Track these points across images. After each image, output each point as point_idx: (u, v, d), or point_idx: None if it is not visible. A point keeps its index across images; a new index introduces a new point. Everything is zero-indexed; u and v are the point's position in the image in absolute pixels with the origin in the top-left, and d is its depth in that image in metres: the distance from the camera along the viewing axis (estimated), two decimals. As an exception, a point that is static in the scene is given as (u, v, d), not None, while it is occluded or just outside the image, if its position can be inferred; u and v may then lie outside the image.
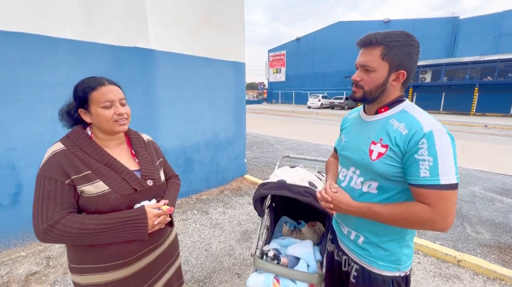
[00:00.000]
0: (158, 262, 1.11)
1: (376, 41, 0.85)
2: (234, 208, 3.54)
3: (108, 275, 0.96)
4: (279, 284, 1.32)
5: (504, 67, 17.48)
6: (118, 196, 0.95)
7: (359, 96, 0.93)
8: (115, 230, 0.91)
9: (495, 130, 11.67)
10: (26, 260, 2.35)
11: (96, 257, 0.95)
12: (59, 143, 0.96)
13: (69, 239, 0.87)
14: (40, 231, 0.85)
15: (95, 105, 0.95)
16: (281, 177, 1.62)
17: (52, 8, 2.36)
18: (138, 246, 1.00)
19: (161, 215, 1.01)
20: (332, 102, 24.23)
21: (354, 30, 25.43)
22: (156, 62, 3.16)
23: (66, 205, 0.89)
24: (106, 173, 0.95)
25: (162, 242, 1.13)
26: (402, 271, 0.97)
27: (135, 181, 1.00)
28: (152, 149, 1.20)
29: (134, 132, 1.18)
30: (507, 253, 2.56)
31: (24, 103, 2.34)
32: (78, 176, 0.90)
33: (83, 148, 0.95)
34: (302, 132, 10.61)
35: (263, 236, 1.69)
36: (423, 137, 0.79)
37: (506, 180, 4.74)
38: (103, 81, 0.98)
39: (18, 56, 2.26)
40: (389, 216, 0.85)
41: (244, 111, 4.57)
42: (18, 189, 2.40)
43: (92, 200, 0.92)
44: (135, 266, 1.01)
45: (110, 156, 0.99)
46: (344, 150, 1.07)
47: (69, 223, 0.86)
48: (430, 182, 0.78)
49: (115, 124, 0.98)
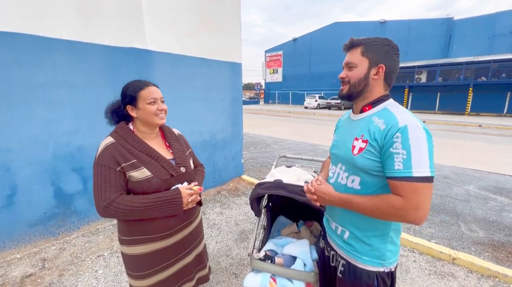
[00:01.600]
0: (191, 237, 1.34)
1: (357, 42, 0.97)
2: (231, 208, 3.54)
3: (151, 246, 1.19)
4: (276, 284, 1.33)
5: (498, 67, 17.70)
6: (159, 181, 1.15)
7: (346, 91, 1.01)
8: (157, 207, 1.12)
9: (489, 130, 11.81)
10: (21, 262, 2.33)
11: (142, 230, 1.17)
12: (109, 137, 1.14)
13: (122, 214, 1.07)
14: (101, 208, 1.05)
15: (142, 102, 1.15)
16: (277, 177, 1.62)
17: (47, 8, 2.35)
18: (175, 221, 1.23)
19: (193, 194, 1.22)
20: (329, 102, 24.31)
21: (350, 30, 25.56)
22: (153, 62, 3.15)
23: (119, 187, 1.09)
24: (148, 161, 1.15)
25: (194, 219, 1.36)
26: (387, 267, 1.00)
27: (172, 168, 1.21)
28: (182, 141, 1.42)
29: (167, 126, 1.38)
30: (500, 250, 2.59)
31: (19, 104, 2.32)
32: (126, 164, 1.10)
33: (128, 140, 1.15)
34: (299, 132, 10.64)
35: (260, 236, 1.70)
36: (398, 131, 0.84)
37: (500, 179, 4.81)
38: (148, 83, 1.19)
39: (13, 57, 2.24)
40: (366, 206, 0.90)
41: (241, 112, 4.58)
42: (13, 191, 2.38)
43: (138, 183, 1.12)
44: (173, 238, 1.24)
45: (150, 147, 1.19)
46: (333, 148, 1.14)
47: (122, 201, 1.06)
48: (403, 174, 0.82)
49: (156, 117, 1.19)
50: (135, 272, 1.22)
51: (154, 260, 1.22)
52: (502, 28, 19.06)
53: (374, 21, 25.07)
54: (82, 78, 2.63)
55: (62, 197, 2.67)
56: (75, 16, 2.51)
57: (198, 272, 1.46)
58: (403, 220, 0.85)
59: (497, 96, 18.12)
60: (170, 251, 1.24)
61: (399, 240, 1.04)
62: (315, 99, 24.77)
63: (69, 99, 2.58)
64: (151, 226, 1.17)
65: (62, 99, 2.54)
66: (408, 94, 21.67)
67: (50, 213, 2.61)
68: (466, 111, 19.21)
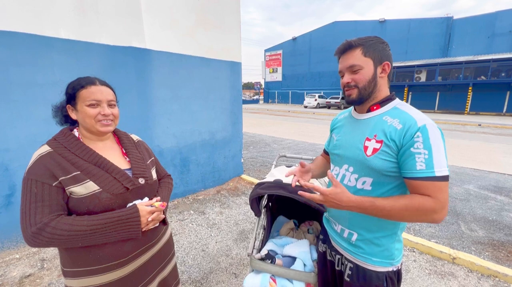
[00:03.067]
0: (153, 261, 1.10)
1: (355, 44, 0.93)
2: (231, 208, 3.54)
3: (103, 277, 0.95)
4: (276, 284, 1.32)
5: (497, 66, 17.71)
6: (110, 196, 0.94)
7: (356, 95, 0.96)
8: (108, 230, 0.90)
9: (488, 129, 11.82)
10: (20, 262, 2.32)
11: (90, 259, 0.93)
12: (45, 146, 0.94)
13: (59, 242, 0.86)
14: (29, 235, 0.83)
15: (81, 103, 0.96)
16: (277, 177, 1.62)
17: (45, 7, 2.33)
18: (132, 245, 1.00)
19: (155, 212, 1.01)
20: (329, 101, 24.31)
21: (350, 30, 25.55)
22: (152, 62, 3.14)
23: (55, 208, 0.87)
24: (96, 173, 0.94)
25: (157, 241, 1.12)
26: (395, 266, 1.00)
27: (127, 179, 1.00)
28: (143, 148, 1.21)
29: (123, 132, 1.19)
30: (500, 250, 2.59)
31: (17, 103, 2.30)
32: (66, 177, 0.89)
33: (71, 149, 0.94)
34: (299, 131, 10.64)
35: (260, 236, 1.69)
36: (418, 131, 0.83)
37: (499, 178, 4.81)
38: (94, 81, 0.99)
39: (11, 56, 2.23)
40: (393, 209, 0.84)
41: (241, 111, 4.57)
42: (12, 191, 2.37)
43: (82, 201, 0.90)
44: (130, 266, 1.01)
45: (99, 155, 0.98)
46: (337, 148, 1.08)
47: (59, 225, 0.84)
48: (426, 174, 0.81)
49: (98, 124, 0.97)
50: None
51: None
52: (501, 27, 19.07)
53: (373, 20, 25.05)
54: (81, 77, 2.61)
55: (61, 197, 2.66)
56: (73, 15, 2.49)
57: None
58: (428, 219, 0.83)
59: (496, 95, 18.15)
60: (126, 281, 1.01)
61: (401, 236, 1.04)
62: (315, 99, 24.77)
63: (68, 99, 2.56)
64: (100, 254, 0.93)
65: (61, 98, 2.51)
66: (408, 93, 21.68)
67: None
68: (465, 110, 19.23)
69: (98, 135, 1.03)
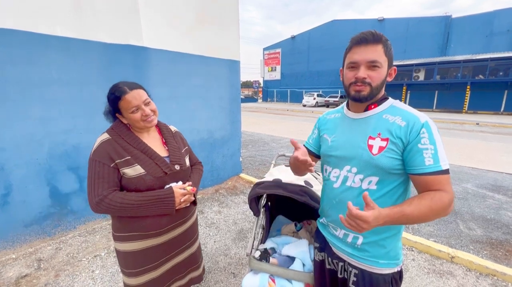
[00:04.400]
0: (184, 235, 1.34)
1: (381, 39, 0.88)
2: (230, 207, 3.53)
3: (143, 243, 1.19)
4: (275, 284, 1.31)
5: (495, 65, 17.76)
6: (152, 178, 1.14)
7: (367, 93, 0.90)
8: (149, 205, 1.11)
9: (486, 128, 11.86)
10: (16, 262, 2.30)
11: (134, 227, 1.16)
12: (105, 134, 1.15)
13: (114, 211, 1.08)
14: (93, 203, 1.06)
15: (125, 112, 1.14)
16: (276, 176, 1.60)
17: (41, 4, 2.30)
18: (168, 219, 1.22)
19: (186, 194, 1.21)
20: (327, 100, 24.31)
21: (348, 28, 25.52)
22: (150, 60, 3.11)
23: (112, 184, 1.09)
24: (142, 159, 1.15)
25: (188, 219, 1.35)
26: (399, 266, 0.99)
27: (165, 165, 1.20)
28: (179, 138, 1.40)
29: (163, 124, 1.38)
30: (498, 249, 2.60)
31: (13, 102, 2.27)
32: (120, 161, 1.10)
33: (124, 137, 1.15)
34: (298, 130, 10.63)
35: (259, 236, 1.68)
36: (423, 127, 0.85)
37: (497, 177, 4.83)
38: (125, 89, 1.12)
39: (6, 54, 2.19)
40: (420, 212, 0.81)
41: (239, 110, 4.55)
42: (8, 190, 2.34)
43: (132, 181, 1.12)
44: (165, 236, 1.24)
45: (145, 144, 1.19)
46: (334, 150, 1.04)
47: (114, 198, 1.06)
48: (435, 168, 0.82)
49: (145, 123, 1.17)
50: (127, 269, 1.23)
51: (146, 258, 1.22)
52: (499, 26, 19.11)
53: (372, 19, 25.03)
54: (77, 75, 2.59)
55: (58, 197, 2.64)
56: (70, 12, 2.46)
57: (190, 272, 1.46)
58: (445, 214, 0.83)
59: (494, 94, 18.20)
60: (161, 249, 1.25)
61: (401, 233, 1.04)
62: (314, 97, 24.78)
63: (65, 97, 2.54)
64: (143, 224, 1.17)
65: (58, 97, 2.49)
66: (406, 92, 21.71)
67: (45, 212, 2.58)
68: (463, 109, 19.29)
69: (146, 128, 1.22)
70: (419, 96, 21.26)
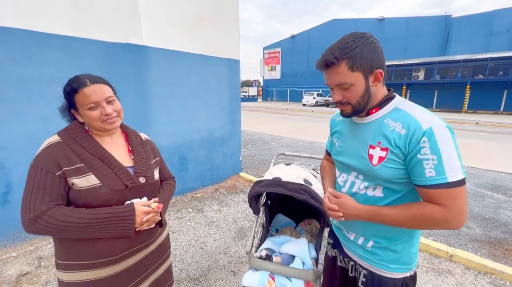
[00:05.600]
0: (146, 262, 1.08)
1: (337, 58, 0.81)
2: (229, 206, 3.53)
3: (92, 273, 0.94)
4: (274, 282, 1.32)
5: (495, 65, 17.75)
6: (109, 191, 0.94)
7: (350, 111, 0.89)
8: (102, 225, 0.89)
9: (486, 127, 11.88)
10: (17, 260, 2.31)
11: (82, 253, 0.93)
12: (55, 136, 0.97)
13: (54, 231, 0.86)
14: (26, 221, 0.84)
15: (81, 108, 0.95)
16: (276, 175, 1.61)
17: (41, 2, 2.30)
18: (126, 244, 0.98)
19: (150, 213, 0.99)
20: (327, 99, 24.29)
21: (348, 28, 25.48)
22: (150, 59, 3.11)
23: (55, 197, 0.88)
24: (99, 167, 0.95)
25: (152, 242, 1.10)
26: (412, 270, 0.95)
27: (127, 177, 0.99)
28: (149, 147, 1.20)
29: (132, 130, 1.18)
30: (497, 247, 2.61)
31: (13, 100, 2.27)
32: (70, 168, 0.90)
33: (79, 141, 0.96)
34: (297, 129, 10.63)
35: (259, 234, 1.69)
36: (424, 135, 0.76)
37: (496, 176, 4.84)
38: (85, 81, 0.95)
39: (6, 52, 2.19)
40: (399, 218, 0.81)
41: (239, 109, 4.55)
42: (8, 189, 2.34)
43: (82, 194, 0.91)
44: (121, 265, 0.99)
45: (105, 150, 0.99)
46: (340, 155, 1.02)
47: (55, 214, 0.85)
48: (437, 181, 0.75)
49: (104, 123, 0.97)
50: None
51: None
52: (499, 26, 19.12)
53: (372, 18, 25.04)
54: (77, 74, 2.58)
55: (58, 195, 2.64)
56: (69, 11, 2.46)
57: None
58: (443, 228, 0.79)
59: (494, 94, 18.21)
60: (116, 280, 0.99)
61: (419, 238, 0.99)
62: (313, 97, 24.77)
63: (65, 96, 2.54)
64: (92, 248, 0.93)
65: (58, 95, 2.46)
66: (406, 91, 21.71)
67: (46, 211, 2.58)
68: (463, 108, 19.30)
69: (105, 131, 1.02)
70: (418, 96, 21.25)
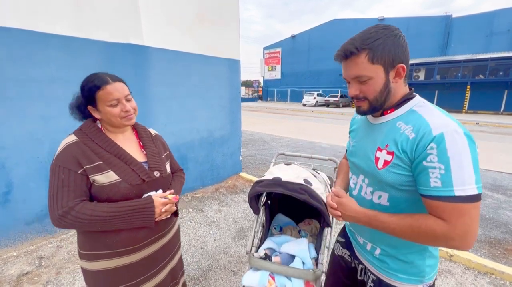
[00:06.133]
0: (164, 250, 1.18)
1: (357, 49, 0.76)
2: (230, 206, 3.54)
3: (115, 261, 1.02)
4: (275, 282, 1.32)
5: (495, 65, 17.74)
6: (128, 186, 1.01)
7: (367, 108, 0.84)
8: (125, 217, 0.97)
9: (486, 128, 11.88)
10: (17, 260, 2.31)
11: (106, 243, 1.01)
12: (72, 135, 1.01)
13: (82, 225, 0.93)
14: (56, 217, 0.90)
15: (102, 104, 1.00)
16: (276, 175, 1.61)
17: (41, 2, 2.30)
18: (146, 233, 1.07)
19: (167, 204, 1.07)
20: (327, 100, 24.30)
21: (349, 28, 25.46)
22: (150, 59, 3.12)
23: (79, 193, 0.94)
24: (117, 164, 1.01)
25: (168, 231, 1.20)
26: (426, 283, 0.88)
27: (143, 172, 1.06)
28: (159, 142, 1.28)
29: (141, 126, 1.25)
30: (497, 247, 2.61)
31: (13, 100, 2.28)
32: (90, 166, 0.96)
33: (95, 139, 1.01)
34: (298, 130, 10.63)
35: (259, 234, 1.69)
36: (432, 141, 0.69)
37: (496, 177, 4.84)
38: (107, 79, 1.01)
39: (6, 52, 2.20)
40: (397, 227, 0.75)
41: (239, 109, 4.55)
42: (9, 188, 2.35)
43: (103, 189, 0.97)
44: (142, 253, 1.08)
45: (120, 147, 1.05)
46: (352, 155, 0.99)
47: (82, 210, 0.92)
48: (442, 193, 0.68)
49: (123, 119, 1.04)
50: None
51: (120, 277, 1.05)
52: (500, 26, 19.08)
53: (373, 18, 25.01)
54: (77, 74, 2.55)
55: (59, 195, 2.65)
56: (70, 11, 2.46)
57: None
58: (445, 246, 0.70)
59: (494, 94, 18.20)
60: (138, 267, 1.08)
61: (438, 251, 0.90)
62: (314, 97, 24.77)
63: (65, 96, 2.51)
64: (116, 239, 1.01)
65: (58, 95, 2.50)
66: (406, 91, 21.71)
67: (46, 210, 2.56)
68: (463, 109, 19.28)
69: (122, 127, 1.09)
70: (419, 96, 21.26)
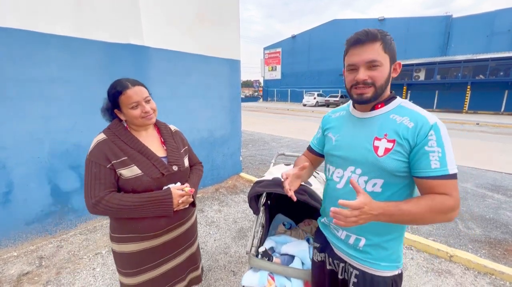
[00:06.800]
0: (182, 238, 1.32)
1: (377, 36, 0.85)
2: (230, 206, 3.54)
3: (139, 245, 1.18)
4: (274, 282, 1.33)
5: (495, 65, 17.73)
6: (149, 179, 1.13)
7: (371, 94, 0.88)
8: (147, 206, 1.11)
9: (486, 128, 11.86)
10: (18, 260, 2.32)
11: (132, 228, 1.16)
12: (102, 134, 1.14)
13: (111, 212, 1.08)
14: (90, 205, 1.06)
15: (125, 107, 1.13)
16: (276, 175, 1.61)
17: (41, 2, 2.31)
18: (166, 221, 1.21)
19: (184, 195, 1.19)
20: (328, 100, 24.29)
21: (349, 28, 25.40)
22: (150, 59, 3.12)
23: (109, 185, 1.08)
24: (139, 159, 1.14)
25: (186, 220, 1.33)
26: (400, 269, 0.98)
27: (163, 166, 1.18)
28: (178, 138, 1.39)
29: (162, 123, 1.37)
30: (497, 248, 2.61)
31: (13, 100, 2.28)
32: (117, 161, 1.09)
33: (121, 137, 1.14)
34: (298, 130, 10.63)
35: (259, 234, 1.69)
36: (431, 129, 0.82)
37: (497, 177, 4.84)
38: (127, 84, 1.12)
39: (6, 52, 2.20)
40: (418, 211, 0.79)
41: (240, 109, 4.55)
42: (9, 188, 2.35)
43: (128, 182, 1.11)
44: (162, 239, 1.23)
45: (143, 144, 1.18)
46: (337, 149, 1.02)
47: (111, 199, 1.06)
48: (441, 172, 0.80)
49: (143, 120, 1.16)
50: (124, 270, 1.23)
51: (143, 259, 1.21)
52: (500, 26, 19.07)
53: (373, 18, 25.00)
54: (78, 74, 2.60)
55: (59, 195, 2.65)
56: (70, 11, 2.47)
57: (190, 273, 1.45)
58: (446, 219, 0.81)
59: (494, 94, 18.19)
60: (158, 251, 1.24)
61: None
62: (314, 97, 24.77)
63: (65, 96, 2.55)
64: (140, 225, 1.16)
65: (58, 95, 2.50)
66: (407, 92, 21.70)
67: (47, 210, 2.59)
68: (464, 109, 19.28)
69: (144, 126, 1.22)
70: (419, 96, 21.24)
